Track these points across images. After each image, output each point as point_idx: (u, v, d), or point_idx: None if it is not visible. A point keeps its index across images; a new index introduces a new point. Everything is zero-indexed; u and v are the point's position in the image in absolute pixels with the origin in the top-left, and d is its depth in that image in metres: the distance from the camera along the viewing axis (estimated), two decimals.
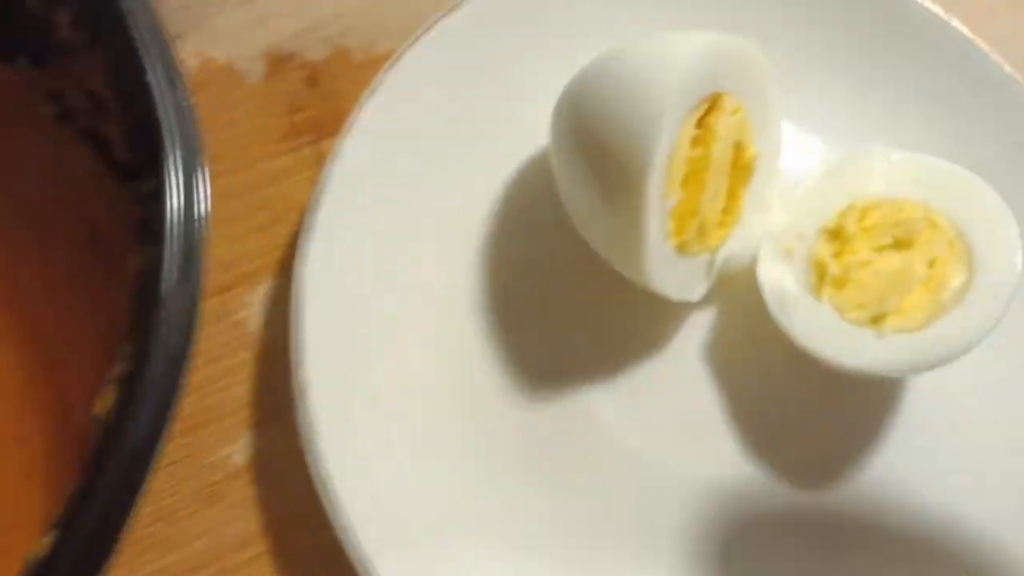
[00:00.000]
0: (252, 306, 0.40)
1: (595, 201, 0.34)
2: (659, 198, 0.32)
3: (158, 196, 0.27)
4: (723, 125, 0.34)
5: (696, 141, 0.34)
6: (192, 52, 0.44)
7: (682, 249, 0.34)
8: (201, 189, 0.27)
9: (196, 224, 0.27)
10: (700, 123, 0.34)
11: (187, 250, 0.27)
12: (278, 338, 0.38)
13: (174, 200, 0.27)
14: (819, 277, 0.35)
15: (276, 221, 0.41)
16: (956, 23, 0.43)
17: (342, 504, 0.33)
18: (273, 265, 0.41)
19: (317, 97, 0.43)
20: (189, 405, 0.38)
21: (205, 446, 0.38)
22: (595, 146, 0.33)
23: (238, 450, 0.38)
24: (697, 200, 0.34)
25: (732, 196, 0.36)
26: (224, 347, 0.39)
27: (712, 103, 0.34)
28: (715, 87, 0.34)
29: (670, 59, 0.33)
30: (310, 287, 0.36)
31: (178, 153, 0.27)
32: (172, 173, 0.27)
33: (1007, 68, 0.42)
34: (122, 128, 0.28)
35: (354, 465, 0.34)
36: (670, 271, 0.34)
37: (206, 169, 0.28)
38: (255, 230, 0.41)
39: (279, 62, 0.44)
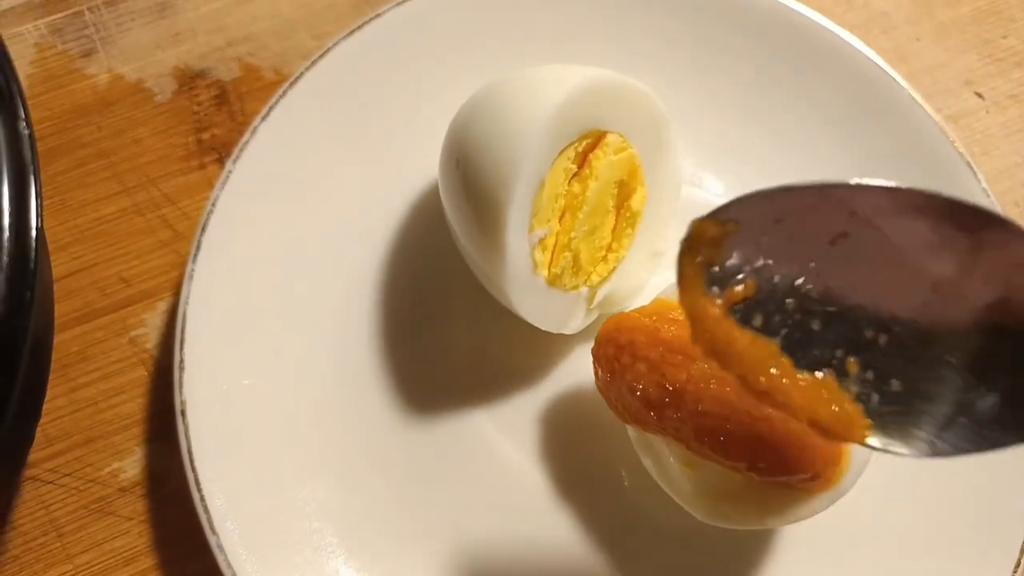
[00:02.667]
0: (151, 323, 0.41)
1: (468, 227, 0.34)
2: (524, 229, 0.33)
3: None
4: (605, 164, 0.34)
5: (575, 177, 0.34)
6: (103, 69, 0.45)
7: (555, 282, 0.35)
8: (32, 217, 0.28)
9: (28, 251, 0.28)
10: (582, 160, 0.34)
11: (18, 278, 0.28)
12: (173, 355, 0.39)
13: (4, 228, 0.28)
14: None
15: (179, 239, 0.42)
16: (868, 53, 0.43)
17: (216, 522, 0.34)
18: (174, 282, 0.41)
19: (225, 115, 0.44)
20: (82, 419, 0.39)
21: (96, 460, 0.39)
22: (469, 175, 0.34)
23: (129, 465, 0.39)
24: (570, 234, 0.34)
25: (616, 235, 0.36)
26: (120, 363, 0.40)
27: (595, 140, 0.34)
28: (597, 124, 0.34)
29: (544, 91, 0.33)
30: (195, 309, 0.36)
31: (9, 182, 0.28)
32: (4, 203, 0.28)
33: (906, 87, 0.42)
34: None
35: (230, 481, 0.35)
36: (539, 301, 0.35)
37: (39, 197, 0.28)
38: (157, 247, 0.42)
39: (189, 80, 0.45)
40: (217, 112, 0.44)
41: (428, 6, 0.42)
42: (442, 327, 0.39)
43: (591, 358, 0.35)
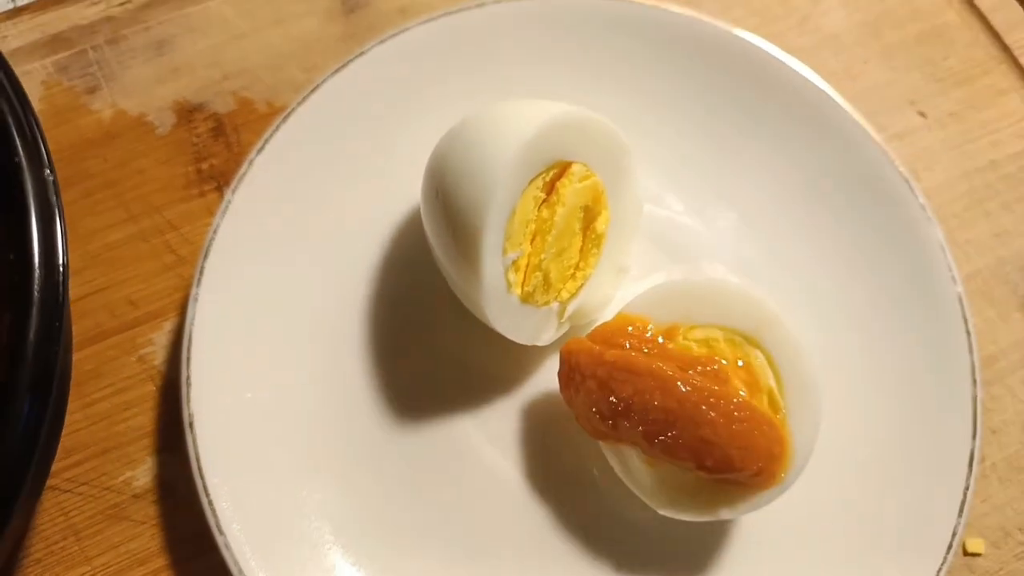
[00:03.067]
0: (158, 342, 0.44)
1: (448, 251, 0.38)
2: (498, 252, 0.36)
3: (22, 265, 0.31)
4: (571, 191, 0.38)
5: (544, 204, 0.38)
6: (107, 104, 0.48)
7: (527, 299, 0.38)
8: (60, 257, 0.31)
9: (57, 286, 0.31)
10: (550, 187, 0.38)
11: (49, 311, 0.31)
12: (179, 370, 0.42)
13: (35, 268, 0.31)
14: None
15: (182, 263, 0.45)
16: (813, 78, 0.46)
17: (223, 524, 0.37)
18: (178, 303, 0.44)
19: (222, 146, 0.47)
20: (98, 431, 0.42)
21: (111, 469, 0.42)
22: (447, 202, 0.37)
23: (141, 473, 0.42)
24: (540, 256, 0.38)
25: (583, 255, 0.40)
26: (130, 379, 0.43)
27: (561, 169, 0.38)
28: (562, 155, 0.38)
29: (513, 127, 0.37)
30: (199, 329, 0.40)
31: (38, 224, 0.31)
32: (35, 245, 0.31)
33: (848, 109, 0.46)
34: None
35: (236, 487, 0.38)
36: (514, 318, 0.38)
37: (65, 238, 0.32)
38: (162, 271, 0.45)
39: (187, 113, 0.48)
40: (214, 143, 0.47)
41: (409, 43, 0.45)
42: (428, 341, 0.42)
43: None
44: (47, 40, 0.49)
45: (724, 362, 0.36)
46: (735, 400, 0.35)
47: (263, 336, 0.41)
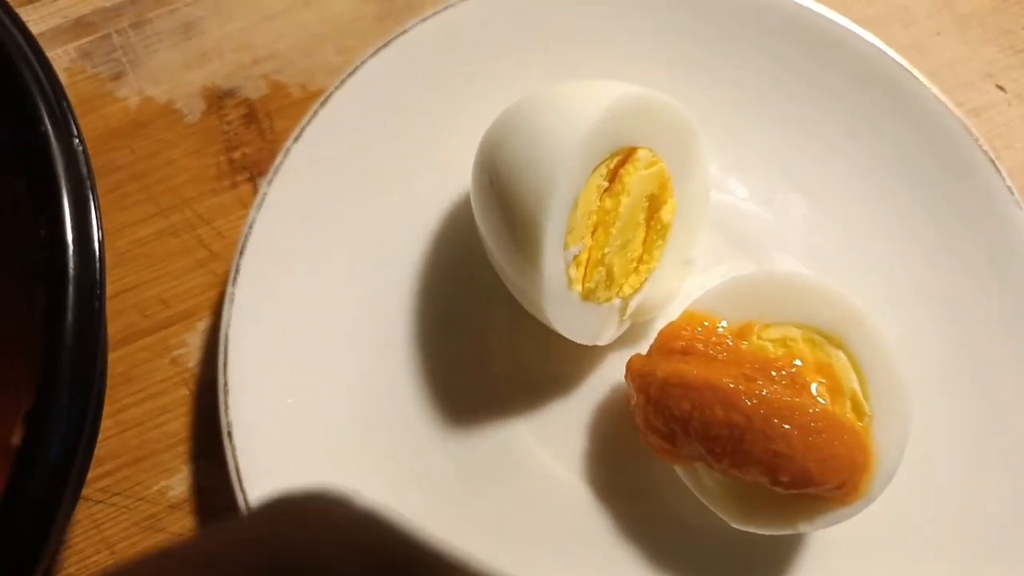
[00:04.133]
0: (191, 343, 0.41)
1: (504, 246, 0.35)
2: (559, 246, 0.33)
3: (54, 241, 0.29)
4: (636, 179, 0.35)
5: (607, 193, 0.35)
6: (133, 91, 0.45)
7: (588, 296, 0.35)
8: (94, 232, 0.29)
9: (93, 263, 0.29)
10: (613, 175, 0.35)
11: (86, 290, 0.29)
12: (215, 374, 0.40)
13: (69, 244, 0.29)
14: None
15: (215, 258, 0.43)
16: (886, 50, 0.43)
17: None
18: (212, 302, 0.42)
19: (254, 134, 0.45)
20: (130, 439, 0.40)
21: (145, 479, 0.40)
22: (504, 192, 0.34)
23: (177, 483, 0.40)
24: (603, 249, 0.35)
25: (647, 247, 0.37)
26: (163, 383, 0.41)
27: (625, 156, 0.35)
28: (627, 140, 0.35)
29: (576, 112, 0.34)
30: (236, 332, 0.37)
31: (69, 198, 0.29)
32: (67, 218, 0.29)
33: (927, 84, 0.42)
34: (20, 176, 0.30)
35: None
36: (574, 316, 0.36)
37: (99, 211, 0.29)
38: (194, 267, 0.43)
39: (217, 99, 0.45)
40: (246, 131, 0.45)
41: (453, 21, 0.42)
42: (479, 340, 0.40)
43: (624, 370, 0.36)
44: (69, 25, 0.46)
45: (802, 364, 0.33)
46: (812, 409, 0.32)
47: (303, 338, 0.39)
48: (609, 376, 0.39)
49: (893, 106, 0.43)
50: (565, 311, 0.35)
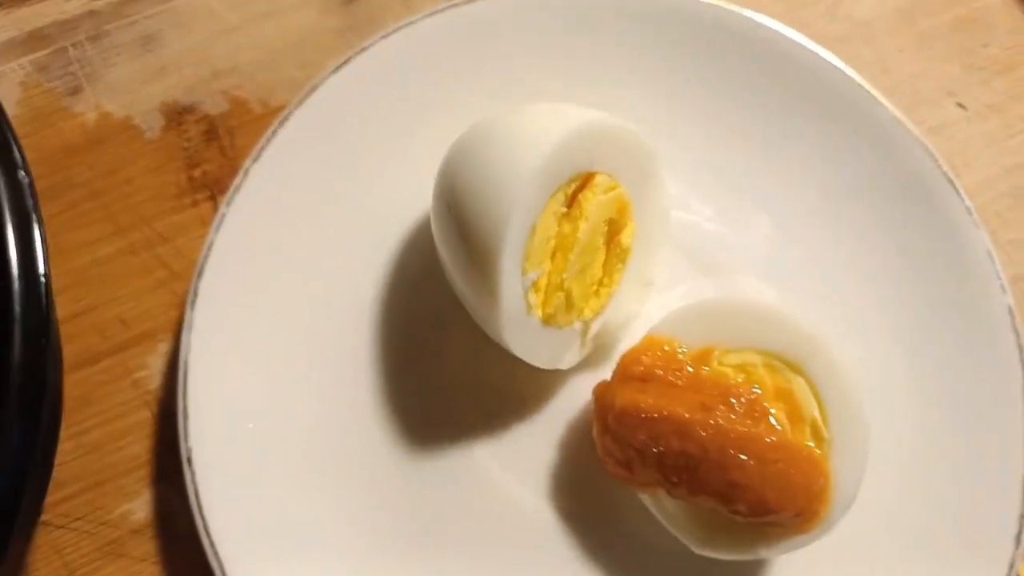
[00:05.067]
0: (152, 365, 0.41)
1: (462, 271, 0.35)
2: (517, 272, 0.33)
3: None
4: (595, 204, 0.35)
5: (565, 218, 0.35)
6: (90, 106, 0.44)
7: (549, 320, 0.36)
8: (40, 267, 0.29)
9: (40, 301, 0.28)
10: (571, 200, 0.35)
11: (32, 328, 0.28)
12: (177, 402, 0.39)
13: (15, 279, 0.29)
14: None
15: (175, 278, 0.42)
16: (846, 70, 0.43)
17: (227, 565, 0.35)
18: (173, 323, 0.42)
19: (215, 151, 0.44)
20: (91, 462, 0.40)
21: (107, 503, 0.39)
22: (461, 219, 0.34)
23: (139, 507, 0.39)
24: (562, 274, 0.35)
25: (607, 270, 0.37)
26: (123, 406, 0.41)
27: (583, 181, 0.35)
28: (585, 166, 0.35)
29: (533, 138, 0.34)
30: (195, 356, 0.37)
31: (14, 232, 0.29)
32: (11, 253, 0.29)
33: (885, 104, 0.43)
34: None
35: (239, 525, 0.36)
36: (535, 341, 0.36)
37: (45, 246, 0.29)
38: (154, 287, 0.42)
39: (177, 115, 0.45)
40: (207, 148, 0.44)
41: (414, 38, 0.42)
42: (440, 363, 0.40)
43: (588, 393, 0.36)
44: (24, 38, 0.45)
45: (761, 391, 0.33)
46: (768, 439, 0.32)
47: (263, 361, 0.39)
48: (572, 399, 0.39)
49: (855, 127, 0.43)
50: (525, 336, 0.35)
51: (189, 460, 0.36)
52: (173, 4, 0.46)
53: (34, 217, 0.29)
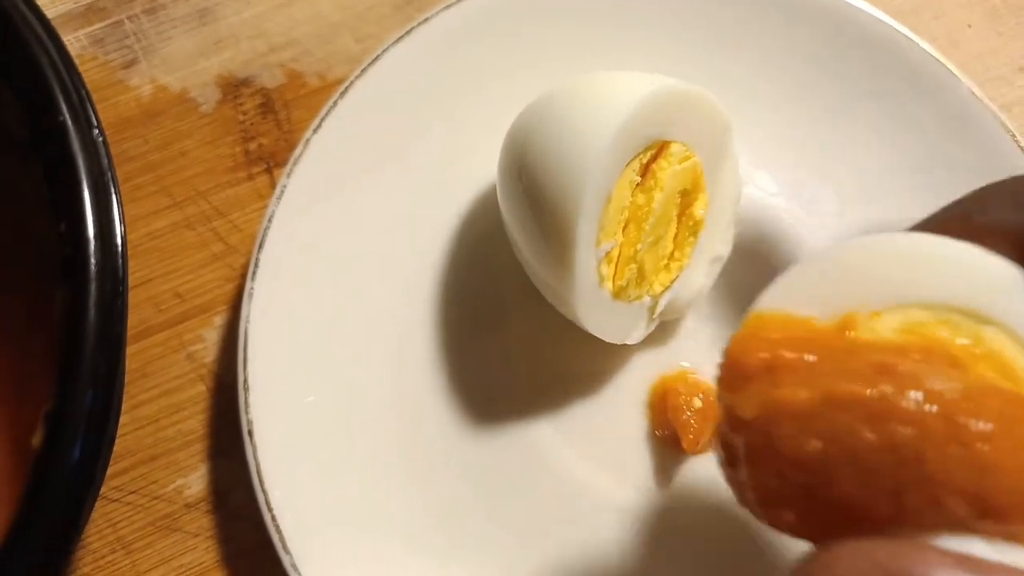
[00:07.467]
0: (208, 338, 0.41)
1: (532, 242, 0.34)
2: (591, 243, 0.32)
3: (75, 236, 0.28)
4: (669, 174, 0.34)
5: (639, 188, 0.34)
6: (146, 79, 0.44)
7: (619, 294, 0.35)
8: (116, 224, 0.28)
9: (115, 260, 0.28)
10: (645, 170, 0.34)
11: (108, 289, 0.28)
12: (233, 371, 0.39)
13: (90, 239, 0.28)
14: None
15: (231, 251, 0.42)
16: (919, 41, 0.42)
17: (288, 541, 0.34)
18: (228, 296, 0.41)
19: (271, 124, 0.44)
20: (145, 436, 0.39)
21: (161, 477, 0.39)
22: (533, 187, 0.33)
23: (194, 481, 0.39)
24: (635, 246, 0.34)
25: (679, 243, 0.36)
26: (179, 379, 0.40)
27: (658, 150, 0.34)
28: (661, 134, 0.34)
29: (608, 105, 0.33)
30: (256, 328, 0.36)
31: (90, 191, 0.28)
32: (88, 213, 0.28)
33: (961, 77, 0.41)
34: (37, 168, 0.29)
35: (299, 501, 0.35)
36: (605, 314, 0.35)
37: (120, 206, 0.28)
38: (210, 261, 0.42)
39: (233, 88, 0.44)
40: (263, 121, 0.44)
41: (477, 8, 0.41)
42: (502, 336, 0.39)
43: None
44: (81, 11, 0.45)
45: (959, 339, 0.22)
46: (1004, 390, 0.21)
47: (324, 334, 0.38)
48: (635, 375, 0.38)
49: (925, 100, 0.42)
50: (596, 309, 0.34)
51: (250, 433, 0.35)
52: None
53: (109, 176, 0.28)
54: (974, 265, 0.23)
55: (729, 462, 0.23)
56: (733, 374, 0.23)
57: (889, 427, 0.20)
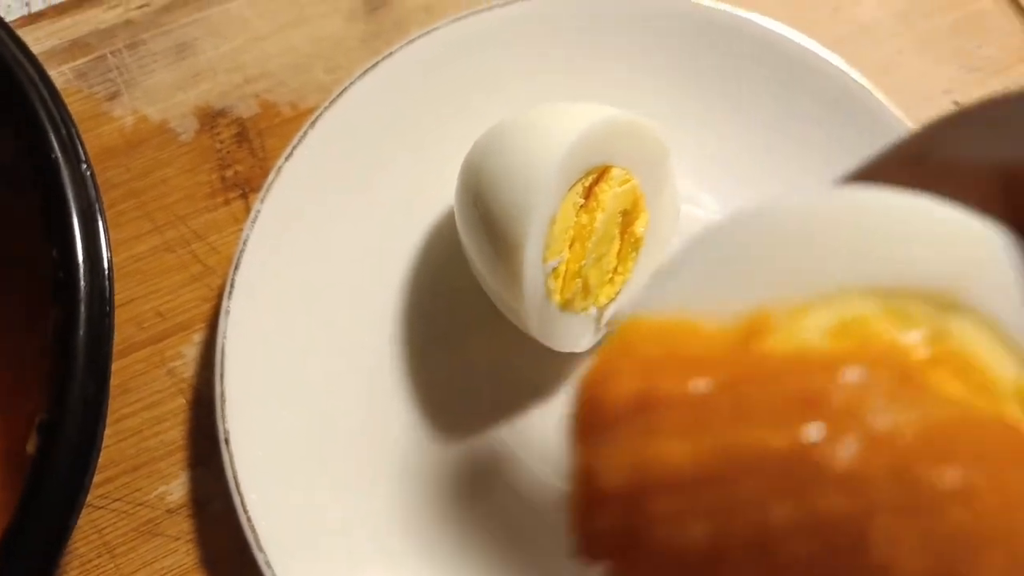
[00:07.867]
0: (187, 354, 0.43)
1: (487, 261, 0.37)
2: (539, 260, 0.35)
3: (65, 260, 0.31)
4: (610, 196, 0.37)
5: (583, 209, 0.37)
6: (128, 111, 0.47)
7: (567, 306, 0.38)
8: (103, 251, 0.31)
9: (103, 282, 0.31)
10: (588, 192, 0.37)
11: (96, 308, 0.31)
12: (211, 385, 0.41)
13: (79, 264, 0.31)
14: None
15: (209, 273, 0.44)
16: (849, 71, 0.45)
17: (263, 541, 0.37)
18: (206, 315, 0.44)
19: (246, 152, 0.46)
20: (128, 447, 0.42)
21: (144, 485, 0.41)
22: (486, 211, 0.36)
23: (175, 488, 0.41)
24: (580, 262, 0.37)
25: (622, 259, 0.39)
26: (160, 393, 0.43)
27: (600, 174, 0.37)
28: (602, 160, 0.37)
29: (554, 135, 0.36)
30: (232, 344, 0.39)
31: (79, 220, 0.31)
32: (77, 240, 0.31)
33: (885, 101, 0.45)
34: (32, 195, 0.32)
35: (273, 504, 0.38)
36: (554, 325, 0.38)
37: (107, 233, 0.31)
38: (189, 282, 0.44)
39: (210, 119, 0.47)
40: (238, 149, 0.46)
41: (437, 44, 0.44)
42: (463, 349, 0.42)
43: None
44: (66, 46, 0.48)
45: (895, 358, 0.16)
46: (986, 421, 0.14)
47: (297, 349, 0.41)
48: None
49: (858, 125, 0.45)
50: (545, 320, 0.37)
51: (227, 441, 0.38)
52: (207, 14, 0.48)
53: (96, 207, 0.31)
54: (935, 226, 0.16)
55: (586, 553, 0.15)
56: (589, 418, 0.16)
57: (815, 498, 0.13)
